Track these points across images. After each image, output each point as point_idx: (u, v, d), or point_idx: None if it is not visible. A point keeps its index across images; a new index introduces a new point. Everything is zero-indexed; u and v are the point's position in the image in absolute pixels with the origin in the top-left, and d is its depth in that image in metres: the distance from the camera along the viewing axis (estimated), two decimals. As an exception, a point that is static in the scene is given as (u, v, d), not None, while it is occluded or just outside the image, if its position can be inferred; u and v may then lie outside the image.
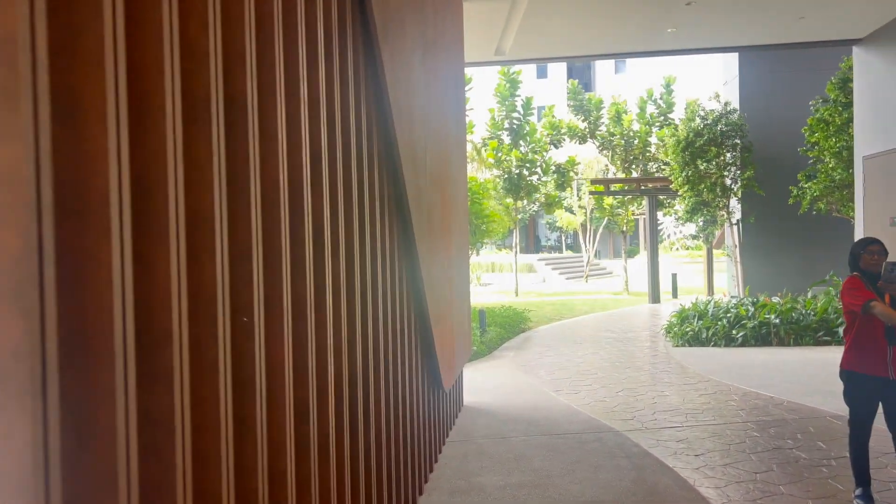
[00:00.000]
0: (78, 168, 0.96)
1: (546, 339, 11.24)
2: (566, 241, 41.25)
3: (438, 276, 4.68)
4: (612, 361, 8.92)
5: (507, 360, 9.25)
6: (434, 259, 4.54)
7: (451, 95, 5.72)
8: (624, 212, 20.09)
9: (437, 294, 4.60)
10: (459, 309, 5.94)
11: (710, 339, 9.86)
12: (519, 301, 18.08)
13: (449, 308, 5.18)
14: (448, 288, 5.17)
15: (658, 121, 20.83)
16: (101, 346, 0.97)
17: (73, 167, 0.96)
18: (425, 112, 4.30)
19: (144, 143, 1.14)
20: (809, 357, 8.63)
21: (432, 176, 4.56)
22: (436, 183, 4.72)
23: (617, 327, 12.43)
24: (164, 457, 1.15)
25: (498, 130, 19.57)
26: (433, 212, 4.56)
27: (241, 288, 1.49)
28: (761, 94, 12.79)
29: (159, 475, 1.14)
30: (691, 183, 12.71)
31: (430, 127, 4.50)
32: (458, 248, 6.11)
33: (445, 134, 5.29)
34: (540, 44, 8.49)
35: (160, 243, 1.15)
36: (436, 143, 4.76)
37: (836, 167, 10.39)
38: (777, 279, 12.57)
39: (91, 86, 0.97)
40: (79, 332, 0.96)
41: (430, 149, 4.49)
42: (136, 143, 1.12)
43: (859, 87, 8.37)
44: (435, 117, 4.75)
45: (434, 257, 4.54)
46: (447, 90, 5.45)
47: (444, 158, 5.18)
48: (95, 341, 0.97)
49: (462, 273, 6.35)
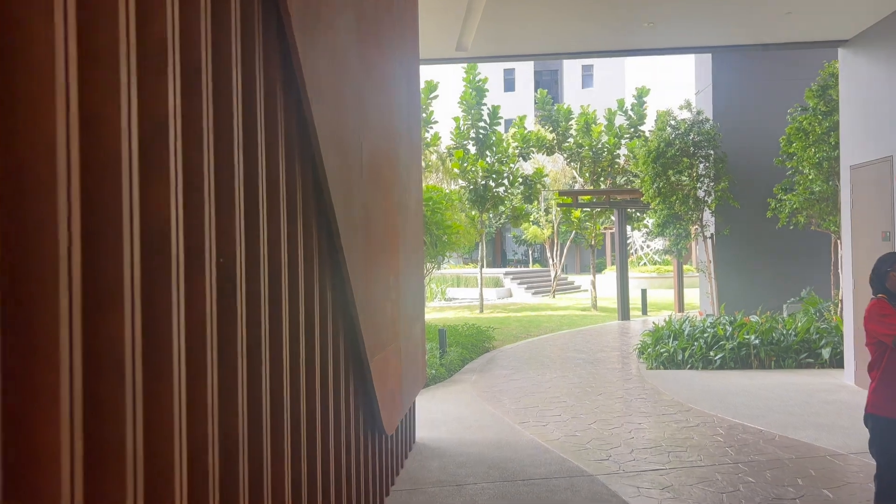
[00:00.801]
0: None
1: (511, 359, 10.45)
2: (533, 254, 40.75)
3: (379, 297, 3.85)
4: (583, 386, 8.16)
5: (469, 385, 8.42)
6: (373, 276, 3.71)
7: (401, 90, 4.92)
8: (592, 225, 19.49)
9: (376, 319, 3.76)
10: (410, 334, 5.11)
11: (687, 362, 9.18)
12: (484, 317, 17.30)
13: (394, 335, 4.34)
14: (393, 311, 4.33)
15: (628, 132, 20.36)
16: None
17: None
18: (361, 98, 3.48)
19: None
20: (794, 382, 7.99)
21: (372, 174, 3.74)
22: (377, 183, 3.90)
23: (586, 346, 11.71)
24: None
25: (463, 140, 18.84)
26: (373, 219, 3.74)
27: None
28: (735, 103, 12.30)
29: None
30: (663, 195, 12.11)
31: (368, 118, 3.69)
32: (410, 262, 5.29)
33: (392, 131, 4.48)
34: (505, 39, 7.76)
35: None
36: (378, 138, 3.95)
37: (816, 179, 9.86)
38: (751, 296, 12.02)
39: None
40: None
41: (369, 143, 3.67)
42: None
43: (845, 92, 7.82)
44: (376, 109, 3.94)
45: (373, 274, 3.71)
46: (396, 83, 4.65)
47: (389, 158, 4.37)
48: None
49: (415, 292, 5.52)
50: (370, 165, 3.69)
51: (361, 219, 3.43)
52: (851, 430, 5.88)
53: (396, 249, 4.57)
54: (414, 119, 5.69)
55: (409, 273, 5.24)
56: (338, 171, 2.96)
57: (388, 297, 4.17)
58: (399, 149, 4.74)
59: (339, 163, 2.99)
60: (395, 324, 4.49)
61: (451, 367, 9.17)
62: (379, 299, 3.86)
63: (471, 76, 18.38)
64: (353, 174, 3.27)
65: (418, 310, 5.75)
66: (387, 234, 4.24)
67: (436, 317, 17.14)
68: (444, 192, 13.41)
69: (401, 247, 4.78)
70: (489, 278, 25.74)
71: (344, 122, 3.10)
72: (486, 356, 10.79)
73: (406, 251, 5.04)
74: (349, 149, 3.20)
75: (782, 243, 11.94)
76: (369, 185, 3.65)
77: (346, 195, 3.12)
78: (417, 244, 5.72)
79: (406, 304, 5.05)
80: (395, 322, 4.49)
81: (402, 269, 4.79)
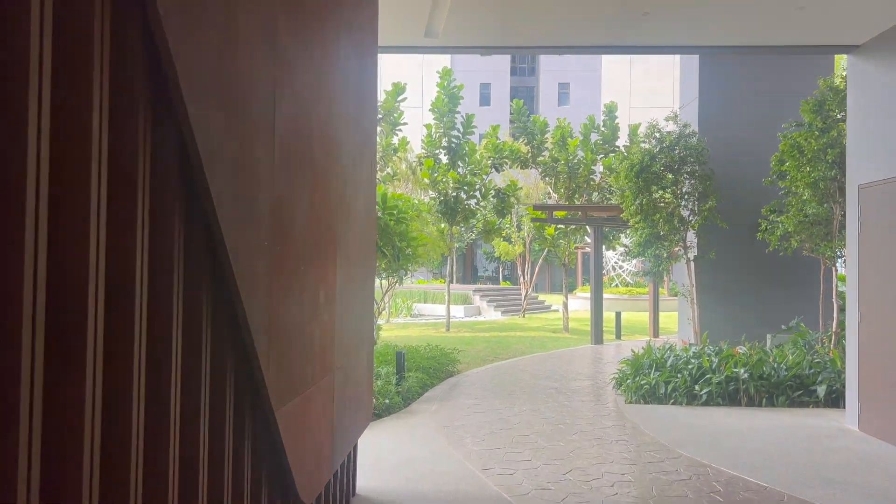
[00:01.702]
0: None
1: (477, 387, 9.47)
2: (503, 272, 39.94)
3: (298, 320, 2.85)
4: (556, 423, 7.21)
5: (427, 418, 7.41)
6: (289, 293, 2.72)
7: (348, 65, 3.97)
8: (566, 243, 18.68)
9: (292, 352, 2.76)
10: (351, 365, 4.11)
11: (670, 396, 8.30)
12: (450, 335, 16.31)
13: (323, 368, 3.34)
14: (324, 338, 3.34)
15: (603, 149, 19.68)
16: None
17: None
18: (273, 48, 2.52)
19: None
20: (791, 424, 7.15)
21: (293, 158, 2.77)
22: (302, 171, 2.93)
23: (558, 373, 10.79)
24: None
25: (435, 148, 17.95)
26: (292, 216, 2.76)
27: None
28: (722, 119, 11.59)
29: None
30: (645, 212, 11.31)
31: (291, 82, 2.72)
32: (356, 275, 4.30)
33: (331, 109, 3.51)
34: (481, 26, 6.86)
35: None
36: (305, 112, 2.98)
37: (811, 200, 9.13)
38: (733, 324, 11.24)
39: None
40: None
41: (289, 114, 2.70)
42: None
43: (854, 104, 7.08)
44: (305, 73, 2.97)
45: (289, 290, 2.71)
46: (337, 52, 3.69)
47: (326, 142, 3.39)
48: None
49: (361, 312, 4.53)
50: (290, 145, 2.72)
51: (270, 214, 2.45)
52: (866, 487, 5.03)
53: (333, 258, 3.58)
54: (368, 105, 4.73)
55: (353, 289, 4.25)
56: (222, 136, 1.98)
57: (314, 319, 3.18)
58: (342, 134, 3.77)
59: (225, 124, 2.01)
60: (327, 354, 3.49)
61: (408, 395, 8.15)
62: (298, 323, 2.86)
63: (445, 82, 17.53)
64: (256, 148, 2.29)
65: (365, 333, 4.75)
66: (318, 237, 3.25)
67: (398, 335, 16.10)
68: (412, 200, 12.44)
69: (341, 255, 3.80)
70: (458, 294, 24.80)
71: (238, 69, 2.12)
72: (449, 382, 9.79)
73: (349, 261, 4.06)
74: (248, 110, 2.22)
75: (768, 269, 11.20)
76: (287, 171, 2.67)
77: (241, 177, 2.13)
78: (367, 254, 4.73)
79: (347, 327, 4.06)
80: (327, 351, 3.49)
81: (341, 284, 3.80)
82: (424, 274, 34.28)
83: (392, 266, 9.67)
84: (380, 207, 9.43)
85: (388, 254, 9.25)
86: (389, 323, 19.73)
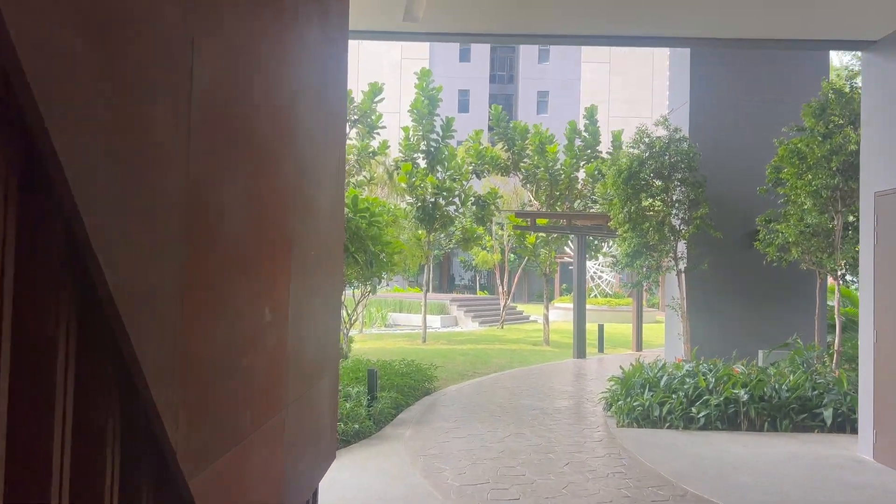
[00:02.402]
0: None
1: (455, 406, 8.74)
2: (480, 281, 39.32)
3: (223, 351, 2.10)
4: (544, 452, 6.51)
5: (400, 445, 6.65)
6: (215, 313, 1.98)
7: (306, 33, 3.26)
8: (547, 252, 18.06)
9: (214, 398, 2.01)
10: (309, 397, 3.36)
11: (665, 419, 7.66)
12: (427, 347, 15.56)
13: (265, 413, 2.59)
14: (271, 368, 2.59)
15: (585, 155, 19.15)
16: None
17: None
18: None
19: None
20: (801, 453, 6.53)
21: (224, 132, 2.03)
22: (238, 152, 2.19)
23: (542, 391, 10.11)
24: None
25: (413, 152, 17.24)
26: (222, 209, 2.03)
27: None
28: (714, 124, 11.06)
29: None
30: (633, 221, 10.70)
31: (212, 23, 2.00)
32: (318, 287, 3.56)
33: (282, 78, 2.79)
34: (463, 7, 6.19)
35: None
36: (239, 73, 2.25)
37: (811, 209, 8.59)
38: (724, 339, 10.66)
39: None
40: None
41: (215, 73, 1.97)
42: None
43: (869, 104, 6.54)
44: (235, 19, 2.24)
45: (215, 308, 1.97)
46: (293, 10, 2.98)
47: (276, 120, 2.66)
48: None
49: (323, 330, 3.78)
50: (217, 112, 1.98)
51: (182, 203, 1.71)
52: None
53: (285, 265, 2.84)
54: (335, 83, 4.00)
55: (315, 302, 3.51)
56: (80, 69, 1.24)
57: (255, 346, 2.43)
58: (300, 111, 3.04)
59: (86, 50, 1.27)
60: (276, 388, 2.74)
61: (380, 418, 7.40)
62: (227, 354, 2.12)
63: (424, 83, 16.86)
64: (154, 104, 1.55)
65: (330, 354, 4.00)
66: (262, 238, 2.52)
67: (372, 347, 15.31)
68: (387, 204, 11.71)
69: (297, 261, 3.06)
70: (434, 304, 24.07)
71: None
72: (425, 401, 9.04)
73: (308, 268, 3.32)
74: (137, 45, 1.49)
75: (760, 281, 10.66)
76: (211, 145, 1.93)
77: (123, 140, 1.39)
78: (333, 260, 3.99)
79: (306, 349, 3.31)
80: (276, 385, 2.74)
81: (297, 297, 3.06)
82: (400, 282, 33.51)
83: (365, 273, 8.92)
84: (350, 209, 8.68)
85: (360, 260, 8.50)
86: (363, 334, 18.93)
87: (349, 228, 8.34)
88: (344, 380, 8.23)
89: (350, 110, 15.54)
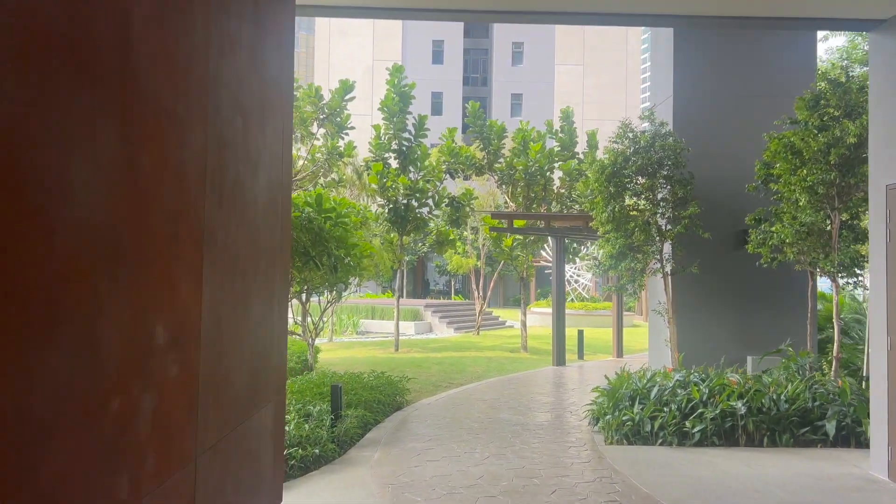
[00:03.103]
0: None
1: (429, 423, 8.02)
2: (455, 286, 38.64)
3: (72, 397, 1.38)
4: (527, 474, 5.82)
5: (366, 472, 5.91)
6: (52, 334, 1.24)
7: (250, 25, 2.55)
8: (525, 255, 17.44)
9: (52, 463, 1.29)
10: (242, 436, 2.63)
11: (657, 435, 7.03)
12: (399, 356, 14.81)
13: (155, 474, 1.85)
14: (154, 414, 1.86)
15: (561, 155, 18.62)
16: None
17: None
18: None
19: None
20: (808, 472, 5.94)
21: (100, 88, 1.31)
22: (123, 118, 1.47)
23: (523, 403, 9.44)
24: None
25: (384, 152, 16.52)
26: (45, 168, 1.30)
27: None
28: (699, 119, 10.53)
29: None
30: (617, 221, 10.10)
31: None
32: (254, 296, 2.85)
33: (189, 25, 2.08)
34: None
35: None
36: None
37: (806, 207, 8.06)
38: (712, 345, 10.10)
39: None
40: None
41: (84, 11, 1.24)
42: None
43: (878, 89, 6.00)
44: None
45: (51, 328, 1.24)
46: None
47: (161, 55, 1.95)
48: None
49: (262, 349, 3.05)
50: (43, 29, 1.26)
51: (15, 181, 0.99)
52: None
53: (194, 267, 2.12)
54: (276, 45, 3.27)
55: (247, 313, 2.79)
56: None
57: (136, 382, 1.71)
58: (217, 64, 2.32)
59: None
60: (178, 435, 2.01)
61: (345, 440, 6.65)
62: (78, 400, 1.39)
63: (395, 79, 16.15)
64: None
65: (272, 376, 3.28)
66: (150, 230, 1.80)
67: (340, 356, 14.51)
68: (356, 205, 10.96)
69: (215, 262, 2.34)
70: (408, 310, 23.31)
71: None
72: (396, 417, 8.31)
73: (236, 271, 2.60)
74: None
75: (749, 284, 10.13)
76: (36, 77, 1.22)
77: None
78: (273, 262, 3.26)
79: (233, 373, 2.60)
80: (179, 431, 2.02)
81: (215, 307, 2.34)
82: (373, 287, 32.67)
83: (329, 279, 8.16)
84: (313, 209, 7.92)
85: (323, 264, 7.74)
86: (333, 342, 18.10)
87: (311, 230, 7.59)
88: (306, 395, 7.47)
89: (319, 108, 14.78)
